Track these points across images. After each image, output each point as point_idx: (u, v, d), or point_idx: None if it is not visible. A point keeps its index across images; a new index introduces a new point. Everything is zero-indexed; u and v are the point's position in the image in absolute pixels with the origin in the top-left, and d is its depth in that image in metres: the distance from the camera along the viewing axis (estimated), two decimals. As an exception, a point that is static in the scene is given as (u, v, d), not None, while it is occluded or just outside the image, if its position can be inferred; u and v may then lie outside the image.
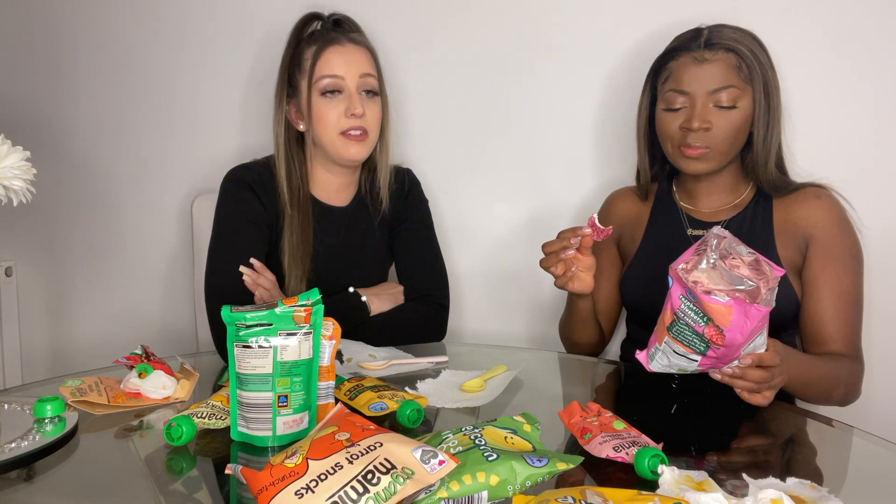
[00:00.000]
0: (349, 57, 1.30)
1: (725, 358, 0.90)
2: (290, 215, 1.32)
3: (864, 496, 0.77)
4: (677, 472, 0.69)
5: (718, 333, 0.86)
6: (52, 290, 1.88)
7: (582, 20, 1.59)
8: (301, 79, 1.31)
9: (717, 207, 1.30)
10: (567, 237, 1.11)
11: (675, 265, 0.90)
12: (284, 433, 0.83)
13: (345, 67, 1.29)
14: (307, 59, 1.30)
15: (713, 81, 1.18)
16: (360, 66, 1.30)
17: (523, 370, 1.12)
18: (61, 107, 1.81)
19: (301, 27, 1.35)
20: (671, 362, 0.92)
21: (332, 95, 1.29)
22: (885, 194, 1.44)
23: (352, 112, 1.28)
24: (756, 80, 1.19)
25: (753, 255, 0.89)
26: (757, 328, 0.87)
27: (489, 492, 0.65)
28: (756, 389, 0.95)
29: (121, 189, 1.82)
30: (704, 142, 1.19)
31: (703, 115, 1.19)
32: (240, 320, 0.83)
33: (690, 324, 0.88)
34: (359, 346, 1.24)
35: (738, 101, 1.19)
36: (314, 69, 1.29)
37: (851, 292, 1.19)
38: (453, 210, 1.71)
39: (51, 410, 0.87)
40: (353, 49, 1.31)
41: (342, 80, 1.29)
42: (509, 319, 1.71)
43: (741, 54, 1.18)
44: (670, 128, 1.23)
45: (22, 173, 0.86)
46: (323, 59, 1.29)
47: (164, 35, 1.76)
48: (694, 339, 0.88)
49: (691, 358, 0.90)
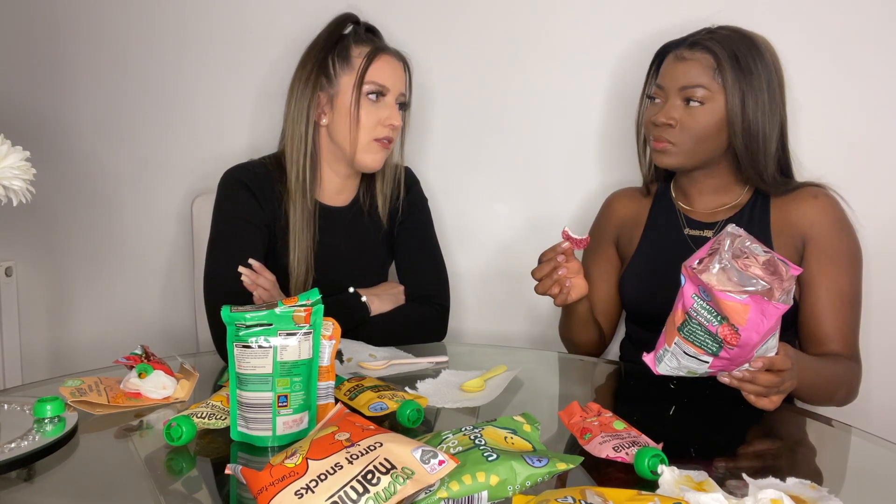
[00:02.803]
0: (395, 71, 1.34)
1: (738, 359, 0.87)
2: (296, 206, 1.32)
3: (863, 496, 0.77)
4: (677, 472, 0.69)
5: (733, 333, 0.84)
6: (52, 290, 1.88)
7: (583, 20, 1.59)
8: (344, 73, 1.31)
9: (713, 208, 1.30)
10: (552, 257, 1.13)
11: (689, 263, 0.88)
12: (284, 433, 0.83)
13: (392, 80, 1.33)
14: (357, 57, 1.31)
15: (685, 79, 1.20)
16: (401, 83, 1.35)
17: (523, 370, 1.12)
18: (61, 107, 1.81)
19: (340, 23, 1.37)
20: (681, 364, 0.90)
21: (375, 99, 1.32)
22: (884, 194, 1.44)
23: (390, 122, 1.32)
24: (729, 86, 1.18)
25: (769, 254, 0.87)
26: (773, 328, 0.85)
27: (489, 492, 0.65)
28: (764, 394, 0.94)
29: (121, 189, 1.82)
30: (669, 136, 1.22)
31: (669, 111, 1.21)
32: (239, 320, 0.83)
33: (703, 323, 0.85)
34: (359, 345, 1.23)
35: (706, 101, 1.19)
36: (367, 70, 1.30)
37: (849, 292, 1.19)
38: (453, 210, 1.71)
39: (50, 410, 0.86)
40: (398, 65, 1.35)
41: (387, 90, 1.32)
42: (509, 319, 1.71)
43: (720, 57, 1.18)
44: (646, 120, 1.27)
45: (21, 173, 0.86)
46: (377, 64, 1.31)
47: (165, 35, 1.76)
48: (706, 339, 0.86)
49: (702, 359, 0.87)
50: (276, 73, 1.68)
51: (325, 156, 1.37)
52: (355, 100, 1.30)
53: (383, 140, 1.32)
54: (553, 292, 1.15)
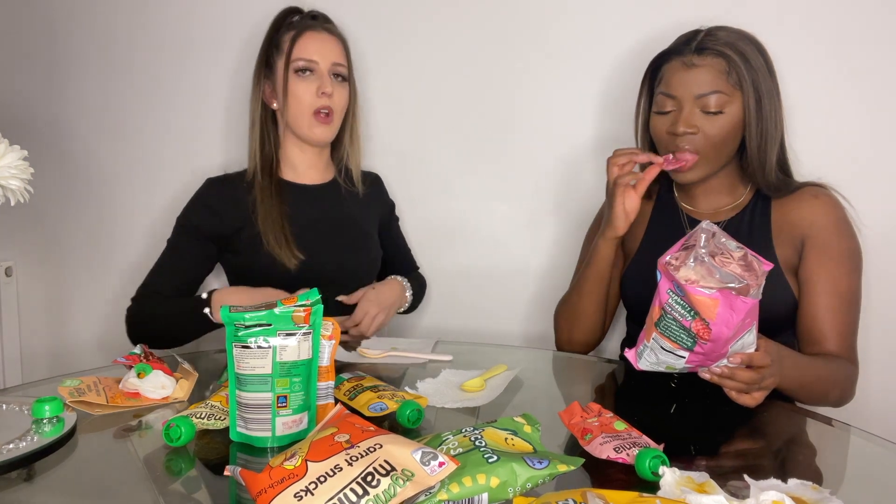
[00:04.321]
0: (324, 44, 1.40)
1: (713, 354, 0.89)
2: (261, 186, 1.41)
3: (863, 496, 0.76)
4: (678, 474, 0.69)
5: (705, 327, 0.85)
6: (52, 290, 1.88)
7: (583, 19, 1.59)
8: (278, 59, 1.41)
9: (716, 208, 1.30)
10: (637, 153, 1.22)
11: (663, 259, 0.89)
12: (284, 434, 0.83)
13: (319, 53, 1.39)
14: (285, 42, 1.40)
15: (700, 86, 1.18)
16: (332, 54, 1.41)
17: (523, 370, 1.11)
18: (61, 107, 1.81)
19: (281, 17, 1.45)
20: (659, 359, 0.91)
21: (305, 74, 1.39)
22: (884, 194, 1.44)
23: (322, 90, 1.38)
24: (746, 86, 1.17)
25: (742, 250, 0.88)
26: (745, 323, 0.86)
27: (489, 494, 0.65)
28: (745, 390, 0.95)
29: (121, 189, 1.82)
30: (692, 145, 1.19)
31: (689, 119, 1.18)
32: (239, 320, 0.83)
33: (678, 318, 0.87)
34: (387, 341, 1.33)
35: (725, 107, 1.18)
36: (291, 50, 1.38)
37: (848, 292, 1.19)
38: (452, 209, 1.71)
39: (49, 411, 0.86)
40: (328, 38, 1.42)
41: (315, 64, 1.39)
42: (509, 319, 1.71)
43: (730, 59, 1.17)
44: (660, 132, 1.23)
45: (19, 173, 0.86)
46: (300, 42, 1.39)
47: (165, 35, 1.75)
48: (681, 334, 0.87)
49: (679, 354, 0.89)
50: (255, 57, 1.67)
51: (287, 136, 1.47)
52: (284, 80, 1.39)
53: (320, 113, 1.39)
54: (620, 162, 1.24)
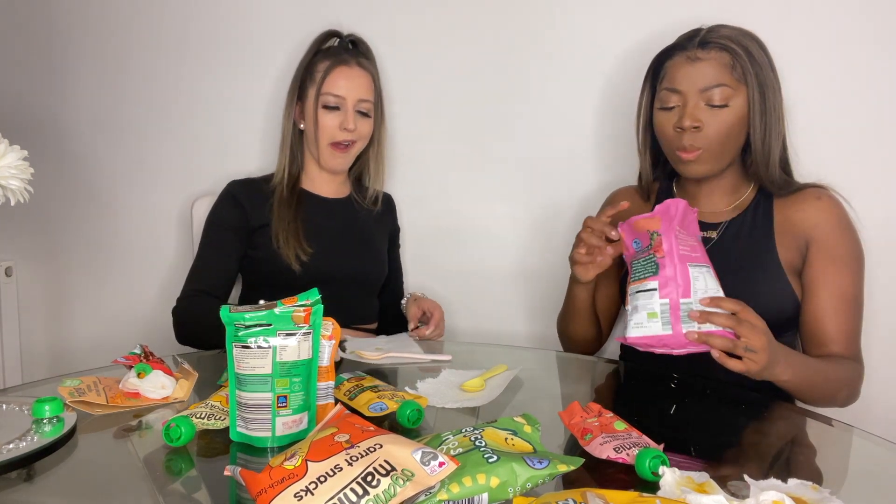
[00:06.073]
0: (352, 80, 1.46)
1: (676, 278, 0.97)
2: (282, 194, 1.47)
3: (864, 496, 0.76)
4: (678, 474, 0.69)
5: (658, 241, 1.00)
6: (52, 290, 1.88)
7: (583, 19, 1.59)
8: (310, 87, 1.47)
9: (717, 208, 1.29)
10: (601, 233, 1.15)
11: (624, 223, 1.08)
12: (284, 434, 0.83)
13: (347, 89, 1.45)
14: (318, 72, 1.46)
15: (705, 80, 1.18)
16: (360, 90, 1.47)
17: (523, 370, 1.11)
18: (61, 107, 1.81)
19: (321, 41, 1.52)
20: (641, 315, 0.98)
21: (332, 110, 1.46)
22: (885, 194, 1.44)
23: (345, 126, 1.45)
24: (750, 80, 1.18)
25: None
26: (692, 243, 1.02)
27: (489, 494, 0.65)
28: (731, 348, 0.95)
29: (121, 189, 1.82)
30: (697, 142, 1.19)
31: (694, 113, 1.18)
32: (239, 320, 0.83)
33: (640, 257, 1.02)
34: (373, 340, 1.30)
35: (730, 101, 1.18)
36: (322, 84, 1.45)
37: (851, 293, 1.19)
38: (453, 210, 1.71)
39: (49, 411, 0.86)
40: (359, 73, 1.47)
41: (343, 100, 1.45)
42: (509, 319, 1.71)
43: (735, 53, 1.17)
44: (665, 128, 1.23)
45: (19, 173, 0.86)
46: (331, 77, 1.45)
47: (165, 36, 1.75)
48: (646, 265, 1.00)
49: (650, 287, 0.98)
50: (277, 77, 1.68)
51: (309, 154, 1.53)
52: (314, 110, 1.46)
53: (340, 145, 1.47)
54: (584, 261, 1.18)
